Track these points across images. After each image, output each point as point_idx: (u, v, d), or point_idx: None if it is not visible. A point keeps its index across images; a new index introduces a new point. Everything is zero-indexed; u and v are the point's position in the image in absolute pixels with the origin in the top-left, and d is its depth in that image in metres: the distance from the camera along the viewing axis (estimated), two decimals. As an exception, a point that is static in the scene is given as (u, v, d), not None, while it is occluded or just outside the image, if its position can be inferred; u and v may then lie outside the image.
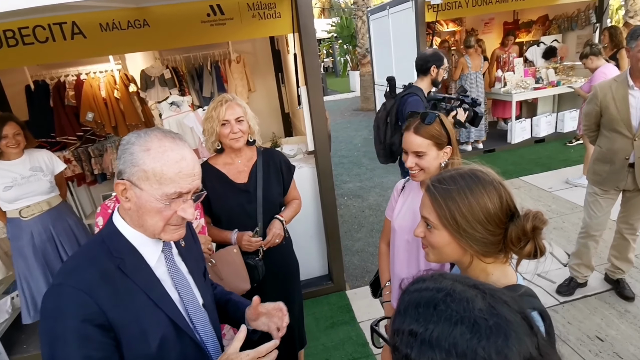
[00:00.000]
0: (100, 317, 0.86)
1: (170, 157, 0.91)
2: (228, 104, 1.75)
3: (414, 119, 1.49)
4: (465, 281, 0.58)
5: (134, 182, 0.92)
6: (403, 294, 0.60)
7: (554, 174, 5.05)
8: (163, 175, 0.90)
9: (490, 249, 0.91)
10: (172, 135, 0.95)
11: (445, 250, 0.94)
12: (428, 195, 0.93)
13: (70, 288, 0.86)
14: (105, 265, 0.92)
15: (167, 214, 0.94)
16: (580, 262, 2.82)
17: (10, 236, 2.69)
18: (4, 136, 2.48)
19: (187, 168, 0.93)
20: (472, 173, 0.92)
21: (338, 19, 16.09)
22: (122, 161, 0.92)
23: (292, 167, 2.05)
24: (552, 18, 7.13)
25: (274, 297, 1.97)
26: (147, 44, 2.66)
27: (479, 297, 0.54)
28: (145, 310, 0.94)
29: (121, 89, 3.88)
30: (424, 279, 0.60)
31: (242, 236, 1.81)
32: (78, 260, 0.95)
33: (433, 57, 2.81)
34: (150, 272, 0.98)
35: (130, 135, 0.94)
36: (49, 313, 0.86)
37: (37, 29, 2.39)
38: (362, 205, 5.02)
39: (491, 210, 0.88)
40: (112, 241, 0.96)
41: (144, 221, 0.95)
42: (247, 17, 2.63)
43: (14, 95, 3.87)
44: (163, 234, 0.96)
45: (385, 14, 6.28)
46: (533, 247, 0.87)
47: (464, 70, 6.00)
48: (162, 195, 0.91)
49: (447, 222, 0.89)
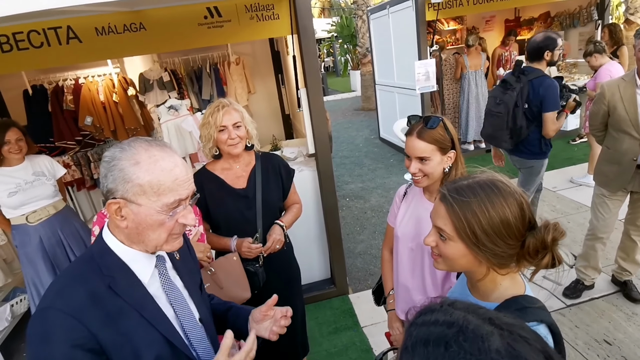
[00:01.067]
0: (90, 341, 0.82)
1: (163, 166, 0.88)
2: (225, 110, 1.71)
3: (417, 123, 1.44)
4: (480, 313, 0.53)
5: (130, 198, 0.87)
6: (410, 327, 0.55)
7: (558, 173, 4.99)
8: (160, 186, 0.87)
9: (507, 261, 0.87)
10: (157, 143, 0.92)
11: (459, 261, 0.90)
12: (444, 205, 0.88)
13: (57, 312, 0.82)
14: (95, 285, 0.87)
15: (169, 224, 0.91)
16: (587, 264, 2.77)
17: (18, 243, 2.67)
18: (6, 142, 2.47)
19: (182, 174, 0.91)
20: (492, 183, 0.87)
21: (338, 19, 16.04)
22: (112, 179, 0.87)
23: (292, 171, 2.01)
24: (553, 15, 7.06)
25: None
26: (143, 48, 2.63)
27: (496, 335, 0.49)
28: (138, 330, 0.89)
29: (120, 92, 3.84)
30: (433, 309, 0.55)
31: (242, 243, 1.77)
32: (66, 280, 0.91)
33: (544, 42, 2.75)
34: (143, 290, 0.94)
35: (112, 150, 0.90)
36: (36, 339, 0.81)
37: (31, 33, 2.36)
38: (364, 206, 4.97)
39: (512, 223, 0.84)
40: (102, 258, 0.92)
41: (145, 236, 0.91)
42: (245, 19, 2.59)
43: (11, 100, 3.84)
44: (165, 245, 0.94)
45: (386, 13, 6.23)
46: (551, 258, 0.84)
47: (463, 69, 5.94)
48: (162, 206, 0.88)
49: (465, 235, 0.85)
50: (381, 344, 2.47)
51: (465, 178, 0.91)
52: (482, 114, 5.98)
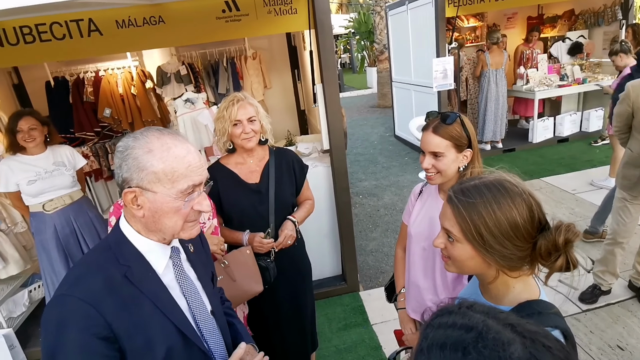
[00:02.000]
0: (105, 329, 0.83)
1: (176, 153, 0.89)
2: (240, 104, 1.71)
3: (434, 118, 1.41)
4: (500, 318, 0.51)
5: (145, 186, 0.88)
6: (426, 328, 0.53)
7: (578, 175, 4.87)
8: (174, 172, 0.88)
9: (518, 263, 0.85)
10: (168, 131, 0.93)
11: (467, 264, 0.88)
12: (450, 206, 0.87)
13: (74, 299, 0.83)
14: (111, 274, 0.89)
15: (185, 211, 0.92)
16: (605, 269, 2.70)
17: (34, 230, 2.74)
18: (19, 130, 2.51)
19: (194, 160, 0.92)
20: (498, 183, 0.85)
21: (356, 15, 15.91)
22: (126, 168, 0.88)
23: (305, 167, 2.01)
24: (578, 13, 6.86)
25: (285, 298, 1.95)
26: (162, 41, 2.65)
27: (517, 342, 0.46)
28: (152, 319, 0.91)
29: (138, 85, 3.90)
30: (450, 310, 0.53)
31: (254, 237, 1.78)
32: (84, 268, 0.92)
33: None
34: (158, 280, 0.95)
35: (125, 139, 0.91)
36: (52, 324, 0.83)
37: (54, 25, 2.40)
38: (377, 204, 4.94)
39: (520, 225, 0.81)
40: (118, 248, 0.93)
41: (162, 224, 0.92)
42: (262, 13, 2.59)
43: (34, 91, 3.94)
44: (182, 232, 0.95)
45: (404, 10, 6.15)
46: (565, 261, 0.81)
47: (484, 67, 5.81)
48: (177, 193, 0.89)
49: (471, 237, 0.83)
50: (391, 342, 2.46)
51: (473, 179, 0.89)
52: (500, 113, 5.89)
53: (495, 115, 5.86)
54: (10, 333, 2.85)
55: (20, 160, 2.58)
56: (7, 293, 3.03)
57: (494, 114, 5.86)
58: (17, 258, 3.03)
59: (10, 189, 2.58)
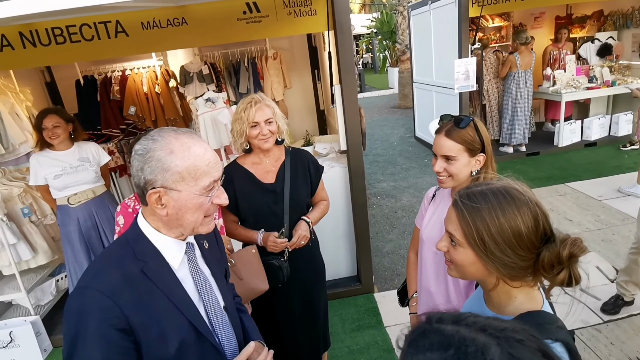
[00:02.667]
0: (122, 321, 0.87)
1: (196, 152, 0.93)
2: (258, 106, 1.74)
3: (447, 121, 1.41)
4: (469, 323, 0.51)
5: (169, 186, 0.92)
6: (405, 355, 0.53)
7: (605, 181, 4.70)
8: (197, 170, 0.93)
9: (519, 273, 0.84)
10: (183, 131, 0.97)
11: (468, 269, 0.88)
12: (455, 210, 0.88)
13: (94, 291, 0.88)
14: (129, 268, 0.93)
15: (207, 206, 0.97)
16: (629, 279, 2.61)
17: (60, 222, 2.87)
18: (44, 128, 2.63)
19: (212, 157, 0.97)
20: (505, 190, 0.84)
21: (378, 15, 15.81)
22: (149, 170, 0.91)
23: (321, 168, 2.02)
24: (607, 14, 6.62)
25: (298, 298, 1.97)
26: (185, 42, 2.72)
27: (493, 344, 0.47)
28: (166, 313, 0.94)
29: (162, 84, 4.01)
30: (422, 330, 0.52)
31: (268, 237, 1.81)
32: (103, 262, 0.97)
33: None
34: (173, 276, 0.99)
35: (143, 142, 0.94)
36: (73, 314, 0.88)
37: (83, 27, 2.50)
38: (395, 205, 4.92)
39: (524, 234, 0.80)
40: (136, 244, 0.97)
41: (184, 220, 0.96)
42: (282, 15, 2.62)
43: (65, 89, 4.11)
44: (201, 227, 0.99)
45: (427, 9, 6.08)
46: (567, 275, 0.79)
47: (512, 68, 5.67)
48: (200, 189, 0.94)
49: (473, 242, 0.83)
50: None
51: (480, 184, 0.89)
52: (528, 115, 5.76)
53: (525, 117, 5.74)
54: (38, 320, 2.99)
55: (49, 155, 2.70)
56: (36, 282, 3.18)
57: (524, 116, 5.73)
58: (45, 248, 3.17)
59: (39, 182, 2.71)
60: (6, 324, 2.96)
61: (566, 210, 4.12)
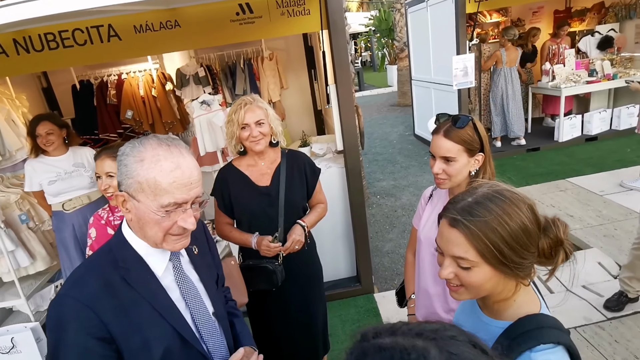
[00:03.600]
0: (101, 330, 0.86)
1: (163, 166, 0.88)
2: (247, 107, 1.72)
3: (445, 121, 1.38)
4: (404, 330, 0.52)
5: (131, 193, 0.90)
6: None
7: (607, 175, 4.66)
8: (157, 186, 0.88)
9: (530, 270, 0.83)
10: (168, 143, 0.92)
11: (485, 287, 0.82)
12: (457, 230, 0.79)
13: (73, 300, 0.87)
14: (109, 276, 0.92)
15: (166, 224, 0.92)
16: (632, 275, 2.57)
17: (55, 228, 2.86)
18: (37, 135, 2.61)
19: (181, 177, 0.89)
20: (499, 194, 0.81)
21: (376, 12, 15.77)
22: (120, 173, 0.91)
23: (318, 170, 2.00)
24: (608, 5, 6.55)
25: (294, 302, 1.95)
26: (178, 44, 2.71)
27: (432, 347, 0.48)
28: (149, 321, 0.93)
29: (158, 87, 3.99)
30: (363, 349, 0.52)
31: (262, 241, 1.79)
32: (84, 270, 0.96)
33: None
34: (156, 283, 0.97)
35: (126, 145, 0.93)
36: (52, 324, 0.87)
37: (76, 32, 2.49)
38: (394, 204, 4.89)
39: (531, 230, 0.79)
40: (119, 251, 0.96)
41: (145, 232, 0.94)
42: (276, 15, 2.60)
43: (62, 94, 4.11)
44: (164, 244, 0.95)
45: (424, 6, 6.05)
46: (564, 253, 0.81)
47: (498, 64, 5.65)
48: (158, 206, 0.89)
49: (491, 257, 0.78)
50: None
51: (467, 194, 0.84)
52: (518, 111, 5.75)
53: (517, 112, 5.73)
54: (38, 326, 2.96)
55: (43, 161, 2.69)
56: (35, 288, 3.17)
57: (514, 111, 5.73)
58: (44, 255, 3.16)
59: (34, 188, 2.70)
60: (8, 330, 2.93)
61: (567, 205, 4.09)
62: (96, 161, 1.85)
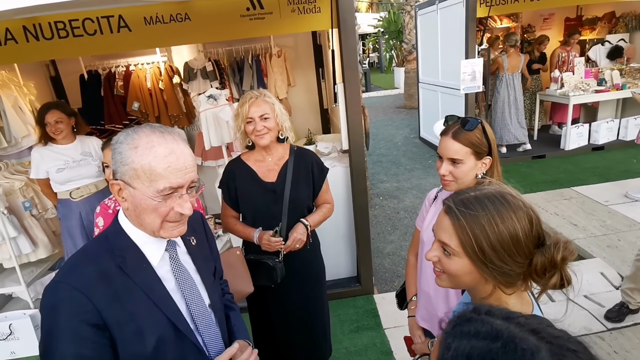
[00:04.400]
0: (94, 316, 0.86)
1: (157, 152, 0.89)
2: (252, 102, 1.72)
3: (454, 123, 1.37)
4: (521, 323, 0.49)
5: (127, 181, 0.91)
6: (447, 338, 0.52)
7: (612, 185, 4.63)
8: (152, 171, 0.89)
9: (515, 279, 0.82)
10: (161, 130, 0.93)
11: (463, 279, 0.84)
12: (449, 217, 0.83)
13: (67, 286, 0.87)
14: (105, 264, 0.92)
15: (163, 210, 0.92)
16: (634, 286, 2.55)
17: (61, 216, 2.87)
18: (46, 123, 2.62)
19: (176, 162, 0.91)
20: (500, 195, 0.81)
21: (386, 14, 15.74)
22: (114, 161, 0.92)
23: (325, 170, 1.97)
24: (619, 15, 6.52)
25: (296, 300, 1.94)
26: (188, 38, 2.71)
27: (544, 349, 0.45)
28: (143, 310, 0.93)
29: (165, 80, 4.00)
30: (469, 318, 0.51)
31: (263, 235, 1.78)
32: (80, 257, 0.96)
33: None
34: (152, 272, 0.97)
35: (120, 134, 0.93)
36: (46, 309, 0.87)
37: (86, 21, 2.50)
38: (397, 206, 4.88)
39: (522, 240, 0.78)
40: (115, 239, 0.96)
41: (142, 220, 0.94)
42: (286, 12, 2.59)
43: (69, 84, 4.12)
44: (162, 231, 0.95)
45: (434, 9, 6.03)
46: (559, 278, 0.78)
47: (500, 70, 5.63)
48: (154, 192, 0.90)
49: (471, 251, 0.80)
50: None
51: (473, 189, 0.85)
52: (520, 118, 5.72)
53: (519, 119, 5.71)
54: (37, 314, 2.99)
55: (51, 149, 2.70)
56: (36, 275, 3.18)
57: (516, 119, 5.71)
58: (46, 242, 3.17)
59: (40, 175, 2.71)
60: (6, 317, 2.97)
61: (571, 214, 4.06)
62: (104, 151, 1.86)
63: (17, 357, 2.93)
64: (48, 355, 0.85)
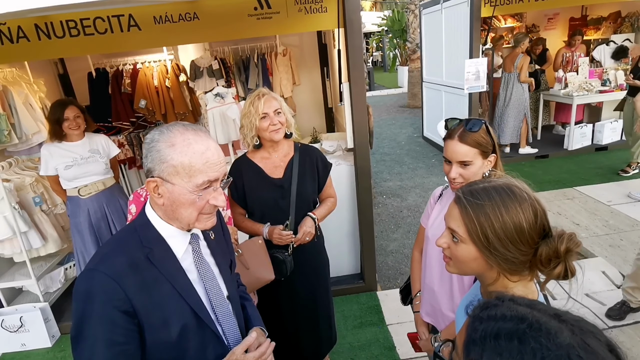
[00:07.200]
0: (126, 303, 0.91)
1: (195, 149, 0.94)
2: (265, 97, 1.77)
3: (458, 125, 1.39)
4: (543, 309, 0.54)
5: (165, 178, 0.95)
6: (474, 321, 0.56)
7: (615, 185, 4.64)
8: (192, 167, 0.94)
9: (519, 267, 0.86)
10: (193, 127, 0.98)
11: (470, 265, 0.90)
12: (458, 206, 0.89)
13: (101, 274, 0.91)
14: (135, 254, 0.96)
15: (200, 204, 0.97)
16: (635, 285, 2.58)
17: (70, 213, 2.92)
18: (65, 118, 2.67)
19: (213, 157, 0.96)
20: (507, 187, 0.86)
21: (390, 13, 15.71)
22: (150, 159, 0.96)
23: (329, 165, 2.03)
24: (624, 15, 6.50)
25: (301, 292, 1.99)
26: (196, 37, 2.75)
27: (567, 331, 0.50)
28: (169, 299, 0.97)
29: (172, 78, 4.04)
30: (495, 304, 0.56)
31: (274, 230, 1.83)
32: (111, 247, 1.00)
33: None
34: (177, 263, 1.01)
35: (153, 132, 0.98)
36: (80, 295, 0.91)
37: (97, 20, 2.54)
38: (400, 205, 4.91)
39: (525, 230, 0.83)
40: (143, 231, 1.00)
41: (179, 214, 0.98)
42: (293, 11, 2.63)
43: (78, 81, 4.17)
44: (197, 223, 1.00)
45: (439, 8, 6.04)
46: (563, 269, 0.82)
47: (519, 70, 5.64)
48: (193, 187, 0.95)
49: (477, 238, 0.85)
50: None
51: (482, 181, 0.91)
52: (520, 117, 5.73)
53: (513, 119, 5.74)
54: (46, 307, 3.05)
55: (60, 146, 2.75)
56: (45, 269, 3.24)
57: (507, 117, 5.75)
58: (55, 237, 3.22)
59: (49, 172, 2.76)
60: (17, 309, 3.03)
61: (574, 214, 4.08)
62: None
63: (28, 349, 2.99)
64: (80, 339, 0.90)
